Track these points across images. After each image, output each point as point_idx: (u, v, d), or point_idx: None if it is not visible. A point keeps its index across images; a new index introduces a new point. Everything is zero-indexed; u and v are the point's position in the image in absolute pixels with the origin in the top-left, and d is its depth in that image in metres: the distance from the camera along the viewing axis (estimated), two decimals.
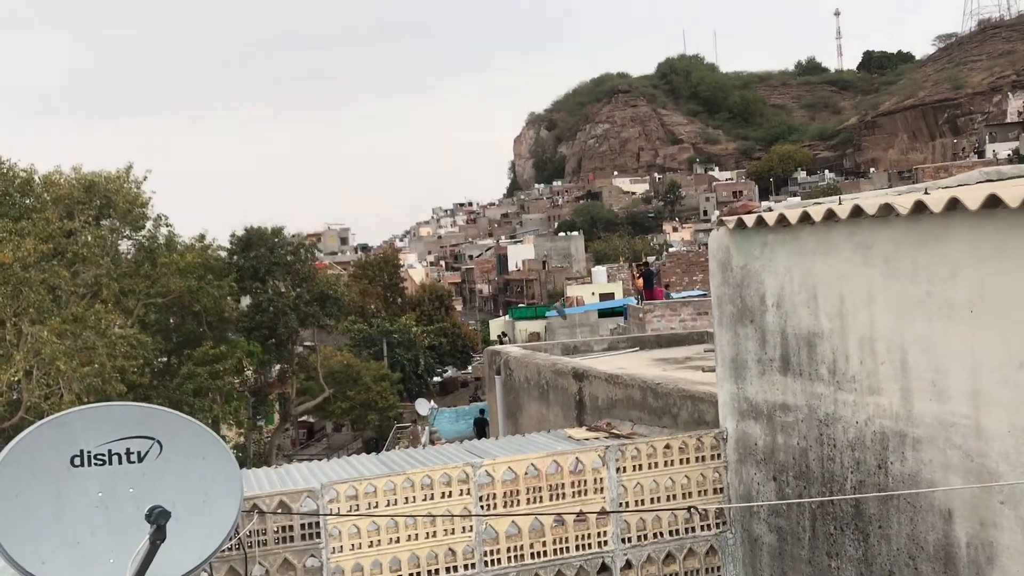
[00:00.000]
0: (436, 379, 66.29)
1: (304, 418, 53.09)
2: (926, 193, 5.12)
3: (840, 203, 5.58)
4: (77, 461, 4.40)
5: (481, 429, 26.41)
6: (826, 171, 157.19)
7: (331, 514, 5.66)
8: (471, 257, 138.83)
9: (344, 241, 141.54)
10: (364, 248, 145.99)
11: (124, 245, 33.30)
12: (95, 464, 4.43)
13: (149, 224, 32.77)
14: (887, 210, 5.09)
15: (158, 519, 4.11)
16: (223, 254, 38.04)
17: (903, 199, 5.05)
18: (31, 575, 4.14)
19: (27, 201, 30.59)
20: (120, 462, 4.46)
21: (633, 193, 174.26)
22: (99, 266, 28.29)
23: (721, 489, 6.81)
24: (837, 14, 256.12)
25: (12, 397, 23.75)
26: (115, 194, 30.73)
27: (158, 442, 4.58)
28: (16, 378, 23.20)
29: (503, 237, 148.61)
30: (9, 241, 25.52)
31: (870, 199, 5.54)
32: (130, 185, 31.52)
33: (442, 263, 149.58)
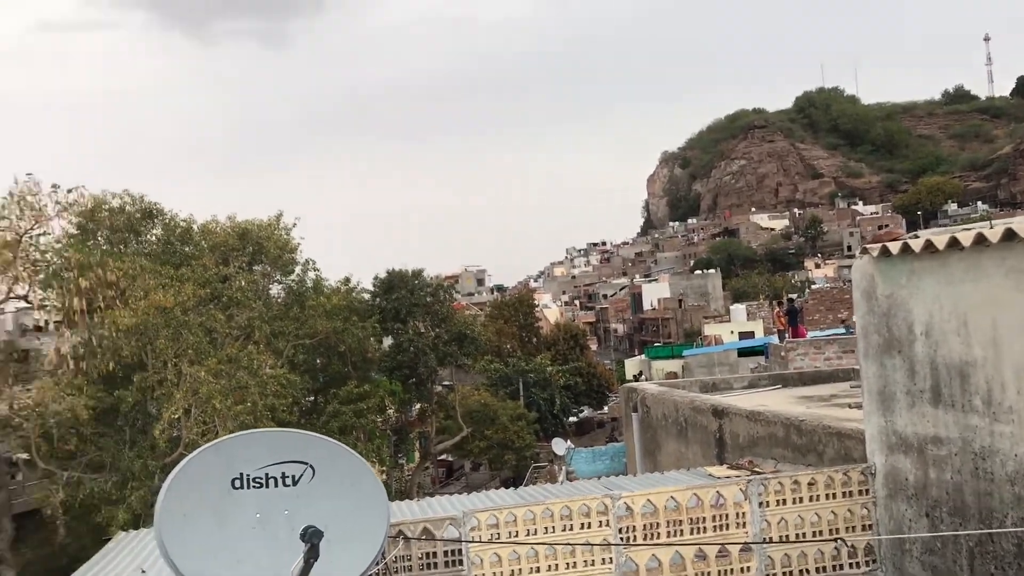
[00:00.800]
0: (572, 419, 66.03)
1: (443, 456, 53.78)
2: None
3: (991, 227, 5.37)
4: (237, 484, 4.67)
5: None
6: (978, 202, 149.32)
7: (474, 541, 5.78)
8: (605, 296, 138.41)
9: (480, 282, 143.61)
10: (500, 289, 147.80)
11: (274, 289, 34.84)
12: (253, 487, 4.69)
13: (298, 269, 34.22)
14: None
15: (311, 538, 4.31)
16: (366, 296, 39.18)
17: None
18: None
19: (186, 249, 32.52)
20: (276, 485, 4.72)
21: (772, 229, 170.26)
22: (252, 309, 29.69)
23: (870, 525, 6.56)
24: (987, 39, 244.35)
25: (173, 434, 25.04)
26: (266, 240, 32.28)
27: (311, 467, 4.81)
28: (176, 415, 24.50)
29: (637, 276, 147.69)
30: (171, 287, 27.21)
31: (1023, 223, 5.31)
32: (280, 232, 33.06)
33: (576, 303, 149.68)
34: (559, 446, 36.70)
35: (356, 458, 5.01)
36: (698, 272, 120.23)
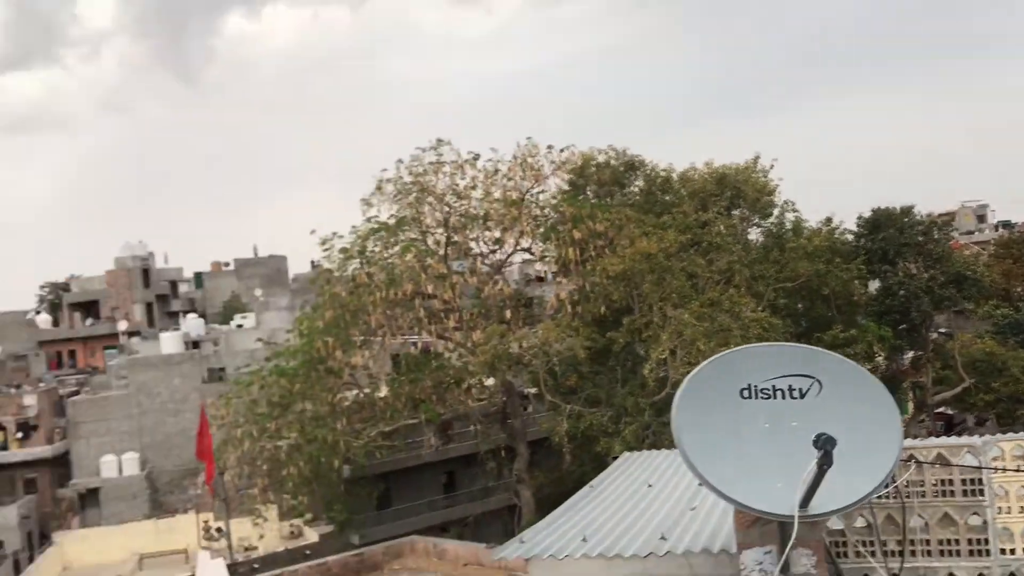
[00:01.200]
0: None
1: (941, 409, 49.66)
2: None
3: None
4: (746, 394, 4.83)
5: None
6: None
7: (999, 469, 5.32)
8: None
9: (981, 219, 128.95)
10: (1007, 225, 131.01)
11: (753, 233, 34.86)
12: (761, 397, 4.81)
13: (776, 211, 33.84)
14: None
15: (825, 445, 4.28)
16: (850, 237, 37.42)
17: None
18: (720, 492, 4.63)
19: (667, 197, 33.88)
20: (783, 397, 4.78)
21: None
22: (731, 253, 30.07)
23: None
24: None
25: (659, 374, 26.39)
26: (744, 184, 32.40)
27: (818, 381, 4.80)
28: (663, 356, 25.78)
29: None
30: (653, 234, 28.62)
31: None
32: (757, 175, 32.96)
33: None
34: None
35: (866, 375, 4.87)
36: None
